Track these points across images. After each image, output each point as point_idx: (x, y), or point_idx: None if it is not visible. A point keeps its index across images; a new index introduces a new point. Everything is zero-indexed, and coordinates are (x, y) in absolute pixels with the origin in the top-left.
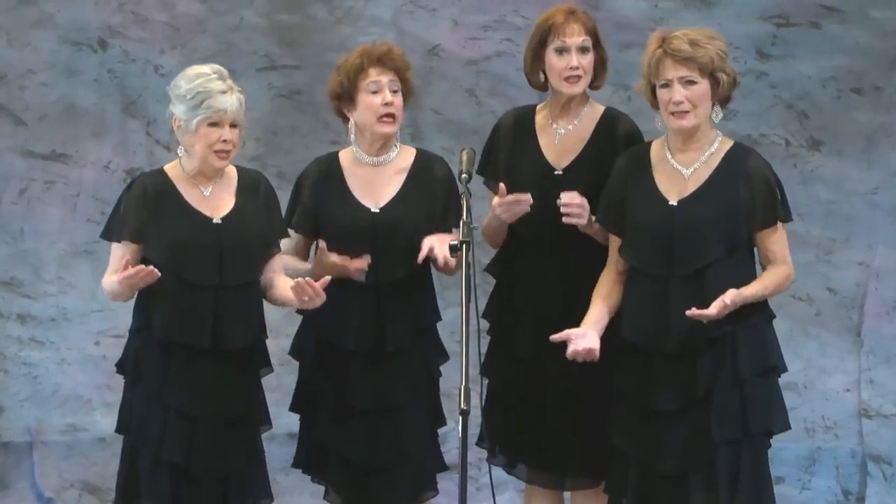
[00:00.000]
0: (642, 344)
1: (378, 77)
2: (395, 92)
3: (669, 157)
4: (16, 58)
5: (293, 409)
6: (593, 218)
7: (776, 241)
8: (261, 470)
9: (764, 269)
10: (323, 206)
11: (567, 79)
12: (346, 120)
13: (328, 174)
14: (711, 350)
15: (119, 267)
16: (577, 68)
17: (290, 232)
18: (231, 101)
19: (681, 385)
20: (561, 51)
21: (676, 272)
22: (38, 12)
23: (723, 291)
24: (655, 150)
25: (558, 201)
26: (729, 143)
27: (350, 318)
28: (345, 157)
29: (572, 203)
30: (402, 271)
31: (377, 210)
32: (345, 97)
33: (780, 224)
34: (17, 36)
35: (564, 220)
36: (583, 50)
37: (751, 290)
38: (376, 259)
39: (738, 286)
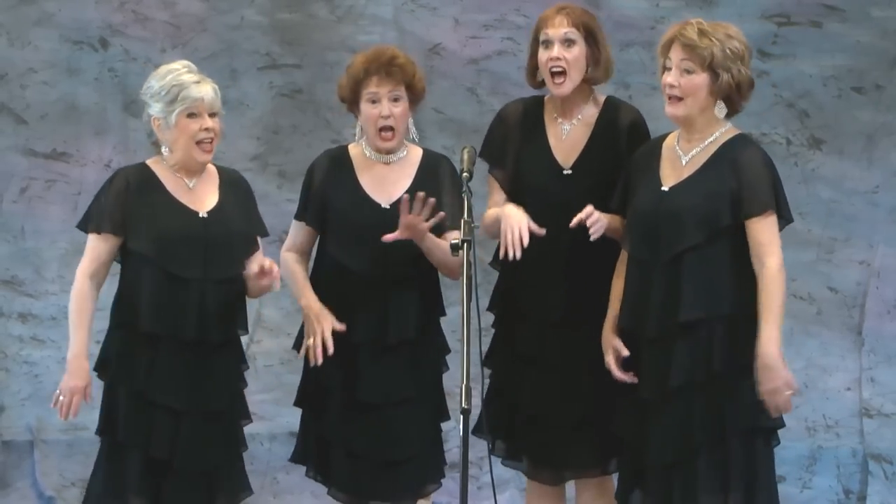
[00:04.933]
0: (630, 330)
1: (377, 88)
2: (396, 101)
3: (676, 146)
4: (17, 57)
5: (298, 402)
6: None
7: (761, 230)
8: (241, 463)
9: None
10: (332, 198)
11: (552, 74)
12: (357, 118)
13: (339, 166)
14: (687, 341)
15: (97, 265)
16: (560, 59)
17: (296, 223)
18: (206, 89)
19: (659, 374)
20: (546, 44)
21: (659, 257)
22: (39, 11)
23: (697, 278)
24: (670, 138)
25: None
26: (731, 134)
27: (357, 312)
28: (354, 151)
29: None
30: (413, 268)
31: (388, 206)
32: (349, 101)
33: (768, 215)
34: (18, 35)
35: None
36: (567, 42)
37: (769, 327)
38: (386, 255)
39: (714, 275)
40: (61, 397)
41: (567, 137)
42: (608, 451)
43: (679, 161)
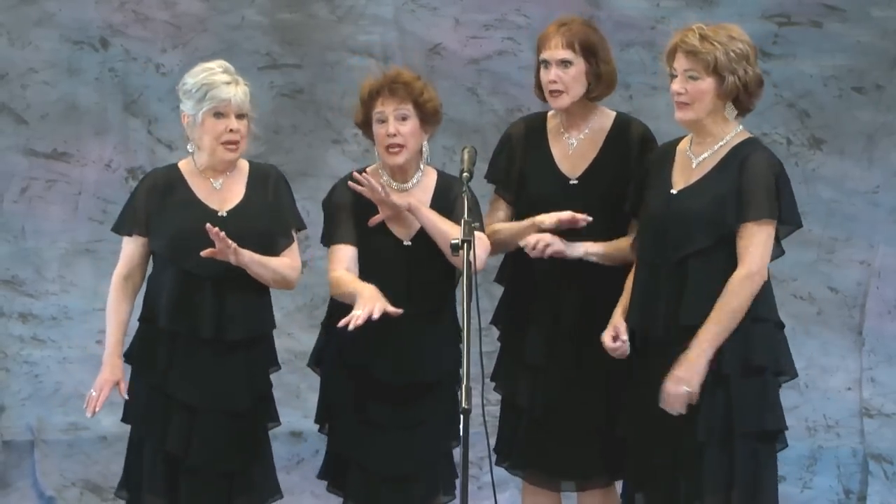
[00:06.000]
0: (637, 331)
1: (382, 107)
2: (403, 119)
3: (688, 149)
4: (17, 56)
5: (317, 421)
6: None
7: (744, 235)
8: (267, 466)
9: None
10: (361, 226)
11: (550, 93)
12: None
13: (363, 196)
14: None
15: (130, 266)
16: (555, 83)
17: (341, 247)
18: (235, 91)
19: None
20: (545, 64)
21: (666, 260)
22: (40, 11)
23: (702, 282)
24: (683, 142)
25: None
26: (741, 138)
27: (382, 349)
28: (375, 174)
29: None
30: (436, 303)
31: (409, 243)
32: (363, 126)
33: (757, 222)
34: (19, 35)
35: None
36: (563, 64)
37: (708, 326)
38: (410, 291)
39: (719, 279)
40: (92, 392)
41: (574, 150)
42: (615, 460)
43: (690, 164)
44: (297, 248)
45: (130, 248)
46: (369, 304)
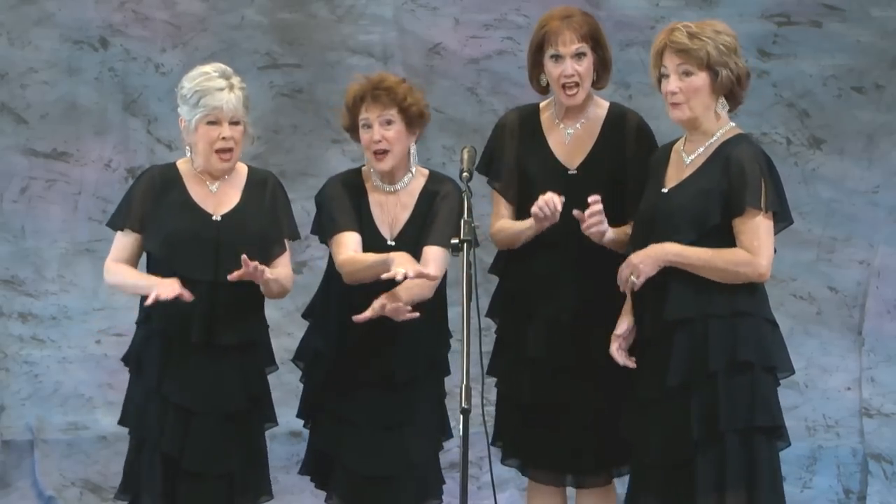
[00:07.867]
0: (637, 332)
1: (367, 113)
2: (388, 124)
3: (682, 149)
4: (17, 56)
5: (299, 415)
6: (608, 233)
7: (745, 230)
8: (262, 467)
9: None
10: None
11: (564, 87)
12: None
13: (355, 193)
14: (682, 340)
15: (122, 256)
16: (573, 76)
17: (346, 233)
18: (228, 98)
19: (657, 373)
20: (556, 59)
21: None
22: (40, 11)
23: (687, 278)
24: (679, 142)
25: (581, 211)
26: (732, 133)
27: (360, 348)
28: (367, 175)
29: (594, 211)
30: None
31: (392, 242)
32: (350, 130)
33: (755, 214)
34: (19, 34)
35: (584, 230)
36: (578, 57)
37: (691, 248)
38: (389, 288)
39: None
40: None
41: (571, 140)
42: (613, 457)
43: (683, 163)
44: (289, 258)
45: (122, 241)
46: (408, 263)
